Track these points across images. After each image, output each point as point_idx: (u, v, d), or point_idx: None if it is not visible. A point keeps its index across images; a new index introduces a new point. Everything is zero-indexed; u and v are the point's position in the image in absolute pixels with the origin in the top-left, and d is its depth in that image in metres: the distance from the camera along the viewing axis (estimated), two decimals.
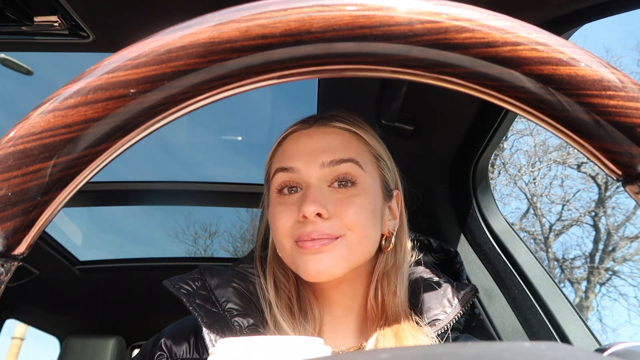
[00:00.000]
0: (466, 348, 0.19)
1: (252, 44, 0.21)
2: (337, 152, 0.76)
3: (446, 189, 1.35)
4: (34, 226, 0.22)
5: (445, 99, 1.15)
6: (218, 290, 0.78)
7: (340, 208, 0.72)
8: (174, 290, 0.78)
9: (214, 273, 0.81)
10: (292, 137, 0.81)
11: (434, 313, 0.78)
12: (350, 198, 0.74)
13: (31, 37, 0.94)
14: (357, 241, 0.72)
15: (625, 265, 8.47)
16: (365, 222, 0.73)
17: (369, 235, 0.74)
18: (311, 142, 0.78)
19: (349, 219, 0.72)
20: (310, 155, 0.76)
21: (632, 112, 0.22)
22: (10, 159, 0.21)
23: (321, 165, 0.75)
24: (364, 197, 0.75)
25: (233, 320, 0.75)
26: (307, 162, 0.76)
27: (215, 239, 6.92)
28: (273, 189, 0.78)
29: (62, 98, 0.21)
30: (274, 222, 0.75)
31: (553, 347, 0.19)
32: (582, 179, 8.84)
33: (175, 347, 0.77)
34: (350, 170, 0.75)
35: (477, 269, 1.25)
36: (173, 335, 0.79)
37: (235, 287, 0.79)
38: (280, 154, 0.80)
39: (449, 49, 0.21)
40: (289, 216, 0.74)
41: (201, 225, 7.06)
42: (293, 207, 0.74)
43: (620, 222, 8.52)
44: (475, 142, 1.22)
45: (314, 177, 0.75)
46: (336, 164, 0.75)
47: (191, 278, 0.81)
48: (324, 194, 0.73)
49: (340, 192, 0.75)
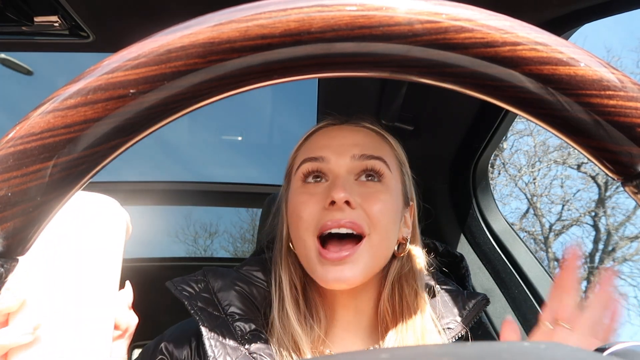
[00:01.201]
0: (466, 348, 0.19)
1: (251, 44, 0.21)
2: (367, 148, 0.77)
3: (446, 189, 1.35)
4: (34, 226, 0.22)
5: (445, 99, 1.15)
6: (221, 293, 0.77)
7: (366, 202, 0.72)
8: (177, 293, 0.77)
9: (218, 275, 0.80)
10: (322, 132, 0.81)
11: (445, 322, 0.77)
12: (377, 194, 0.74)
13: (31, 37, 0.94)
14: (379, 242, 0.72)
15: (625, 265, 8.48)
16: (388, 220, 0.73)
17: (389, 236, 0.74)
18: (342, 135, 0.79)
19: (374, 214, 0.72)
20: (340, 147, 0.76)
21: (631, 111, 0.22)
22: (10, 160, 0.21)
23: (352, 158, 0.75)
24: (388, 196, 0.75)
25: (235, 325, 0.74)
26: (338, 153, 0.75)
27: (215, 239, 6.93)
28: (297, 178, 0.77)
29: (62, 98, 0.21)
30: (298, 212, 0.74)
31: (553, 347, 0.19)
32: (582, 179, 8.84)
33: (176, 351, 0.76)
34: (378, 167, 0.76)
35: (477, 269, 1.25)
36: (174, 339, 0.78)
37: (239, 291, 0.78)
38: (308, 146, 0.80)
39: (448, 49, 0.21)
40: (314, 205, 0.72)
41: (201, 225, 7.07)
42: (319, 197, 0.73)
43: (620, 222, 8.52)
44: (475, 142, 1.22)
45: (343, 167, 0.75)
46: (366, 158, 0.75)
47: (194, 280, 0.79)
48: (352, 186, 0.73)
49: (367, 185, 0.75)
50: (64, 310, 0.45)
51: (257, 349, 0.72)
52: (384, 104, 1.16)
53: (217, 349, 0.71)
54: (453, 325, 0.77)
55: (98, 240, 0.48)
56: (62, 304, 0.45)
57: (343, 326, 0.78)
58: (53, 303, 0.44)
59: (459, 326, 0.76)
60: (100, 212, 0.49)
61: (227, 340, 0.72)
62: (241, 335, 0.73)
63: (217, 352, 0.70)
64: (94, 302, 0.47)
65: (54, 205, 0.22)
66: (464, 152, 1.27)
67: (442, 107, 1.18)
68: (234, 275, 0.81)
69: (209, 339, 0.71)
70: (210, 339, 0.71)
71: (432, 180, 1.36)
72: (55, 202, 0.22)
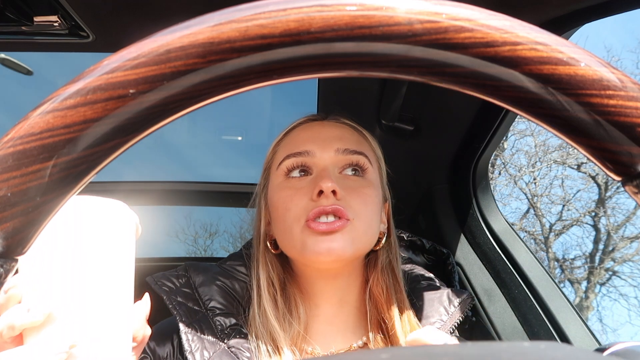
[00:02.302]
0: (466, 348, 0.19)
1: (251, 44, 0.21)
2: (350, 143, 0.77)
3: (446, 189, 1.35)
4: (33, 227, 0.22)
5: (445, 99, 1.15)
6: (202, 288, 0.77)
7: (350, 195, 0.73)
8: (156, 288, 0.76)
9: (199, 270, 0.80)
10: (303, 127, 0.81)
11: (431, 321, 0.77)
12: (360, 188, 0.75)
13: (31, 37, 0.94)
14: (364, 230, 0.73)
15: (625, 266, 8.47)
16: (371, 213, 0.74)
17: (372, 226, 0.75)
18: (325, 130, 0.79)
19: (358, 207, 0.72)
20: (324, 141, 0.77)
21: (631, 111, 0.22)
22: (10, 160, 0.21)
23: (336, 152, 0.76)
24: (371, 190, 0.76)
25: (215, 320, 0.74)
26: (322, 147, 0.76)
27: (215, 239, 6.93)
28: (279, 174, 0.77)
29: (62, 98, 0.21)
30: (285, 206, 0.74)
31: (553, 347, 0.19)
32: (582, 179, 8.84)
33: (158, 349, 0.75)
34: (362, 162, 0.77)
35: (477, 269, 1.25)
36: (156, 336, 0.77)
37: (220, 286, 0.78)
38: (289, 142, 0.80)
39: (448, 49, 0.21)
40: (301, 198, 0.73)
41: (201, 225, 7.07)
42: (304, 190, 0.73)
43: (620, 222, 8.52)
44: (475, 142, 1.22)
45: (328, 160, 0.75)
46: (350, 153, 0.76)
47: (175, 275, 0.79)
48: (337, 178, 0.74)
49: (351, 180, 0.75)
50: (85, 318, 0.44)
51: (236, 343, 0.72)
52: (384, 104, 1.16)
53: (193, 343, 0.70)
54: (439, 325, 0.77)
55: (111, 245, 0.47)
56: (81, 316, 0.44)
57: (327, 320, 0.77)
58: (72, 316, 0.44)
59: (444, 327, 0.76)
60: (112, 217, 0.48)
61: (206, 334, 0.72)
62: (221, 329, 0.73)
63: (193, 347, 0.70)
64: (115, 309, 0.46)
65: (54, 205, 0.22)
66: (464, 152, 1.27)
67: (442, 107, 1.18)
68: (216, 271, 0.81)
69: (185, 333, 0.71)
70: (188, 333, 0.71)
71: (432, 180, 1.36)
72: (54, 202, 0.22)
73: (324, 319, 0.77)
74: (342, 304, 0.78)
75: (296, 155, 0.76)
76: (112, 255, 0.47)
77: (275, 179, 0.78)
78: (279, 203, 0.75)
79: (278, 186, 0.77)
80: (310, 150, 0.76)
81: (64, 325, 0.43)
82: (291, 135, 0.81)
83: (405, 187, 1.36)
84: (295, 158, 0.76)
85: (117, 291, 0.47)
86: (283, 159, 0.77)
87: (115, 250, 0.47)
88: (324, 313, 0.77)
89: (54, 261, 0.44)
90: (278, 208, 0.75)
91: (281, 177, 0.77)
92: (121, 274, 0.47)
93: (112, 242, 0.47)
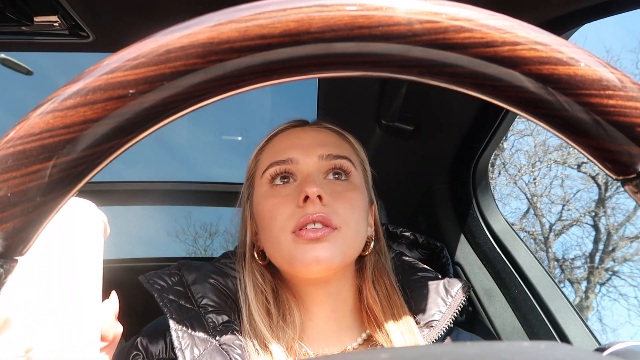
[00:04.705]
0: (466, 348, 0.19)
1: (251, 44, 0.21)
2: (333, 148, 0.77)
3: (446, 189, 1.35)
4: (33, 227, 0.22)
5: (445, 99, 1.15)
6: (195, 285, 0.77)
7: (336, 201, 0.73)
8: (148, 286, 0.76)
9: (192, 269, 0.80)
10: (284, 134, 0.81)
11: (430, 314, 0.77)
12: (345, 192, 0.74)
13: (31, 37, 0.94)
14: (352, 236, 0.73)
15: (625, 266, 8.47)
16: (358, 217, 0.74)
17: (360, 231, 0.75)
18: (307, 136, 0.79)
19: (344, 212, 0.72)
20: (307, 147, 0.76)
21: (631, 111, 0.22)
22: (10, 160, 0.21)
23: (319, 157, 0.76)
24: (356, 194, 0.76)
25: (207, 317, 0.74)
26: (305, 153, 0.76)
27: (216, 239, 6.92)
28: (263, 182, 0.77)
29: (61, 99, 0.21)
30: (271, 214, 0.73)
31: (553, 347, 0.19)
32: (582, 179, 8.84)
33: (151, 346, 0.75)
34: (346, 166, 0.76)
35: (477, 269, 1.25)
36: (149, 334, 0.77)
37: (213, 283, 0.78)
38: (271, 149, 0.79)
39: (448, 49, 0.21)
40: (287, 205, 0.72)
41: (201, 225, 7.07)
42: (289, 198, 0.73)
43: (620, 222, 8.51)
44: (475, 142, 1.22)
45: (312, 167, 0.75)
46: (333, 158, 0.76)
47: (167, 273, 0.79)
48: (322, 183, 0.74)
49: (336, 184, 0.75)
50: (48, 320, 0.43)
51: (228, 340, 0.72)
52: (384, 104, 1.16)
53: (184, 340, 0.70)
54: (438, 317, 0.76)
55: (78, 245, 0.47)
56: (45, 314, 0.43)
57: (320, 324, 0.77)
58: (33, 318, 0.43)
59: (444, 318, 0.76)
60: (79, 216, 0.47)
61: (197, 332, 0.72)
62: (213, 327, 0.73)
63: (183, 344, 0.70)
64: (79, 309, 0.45)
65: (54, 205, 0.22)
66: (464, 152, 1.26)
67: (442, 107, 1.18)
68: (209, 269, 0.81)
69: (176, 330, 0.71)
70: (178, 330, 0.71)
71: (432, 180, 1.35)
72: (54, 202, 0.22)
73: (318, 322, 0.77)
74: (336, 308, 0.77)
75: (280, 163, 0.76)
76: (78, 254, 0.46)
77: (260, 187, 0.77)
78: (265, 212, 0.75)
79: (263, 195, 0.76)
80: (294, 158, 0.75)
81: (23, 328, 0.42)
82: (273, 142, 0.80)
83: (405, 187, 1.36)
84: (278, 166, 0.76)
85: (83, 290, 0.46)
86: (267, 167, 0.77)
87: (81, 249, 0.47)
88: (317, 317, 0.77)
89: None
90: (264, 217, 0.75)
91: (266, 186, 0.76)
92: (87, 273, 0.47)
93: (78, 241, 0.47)
